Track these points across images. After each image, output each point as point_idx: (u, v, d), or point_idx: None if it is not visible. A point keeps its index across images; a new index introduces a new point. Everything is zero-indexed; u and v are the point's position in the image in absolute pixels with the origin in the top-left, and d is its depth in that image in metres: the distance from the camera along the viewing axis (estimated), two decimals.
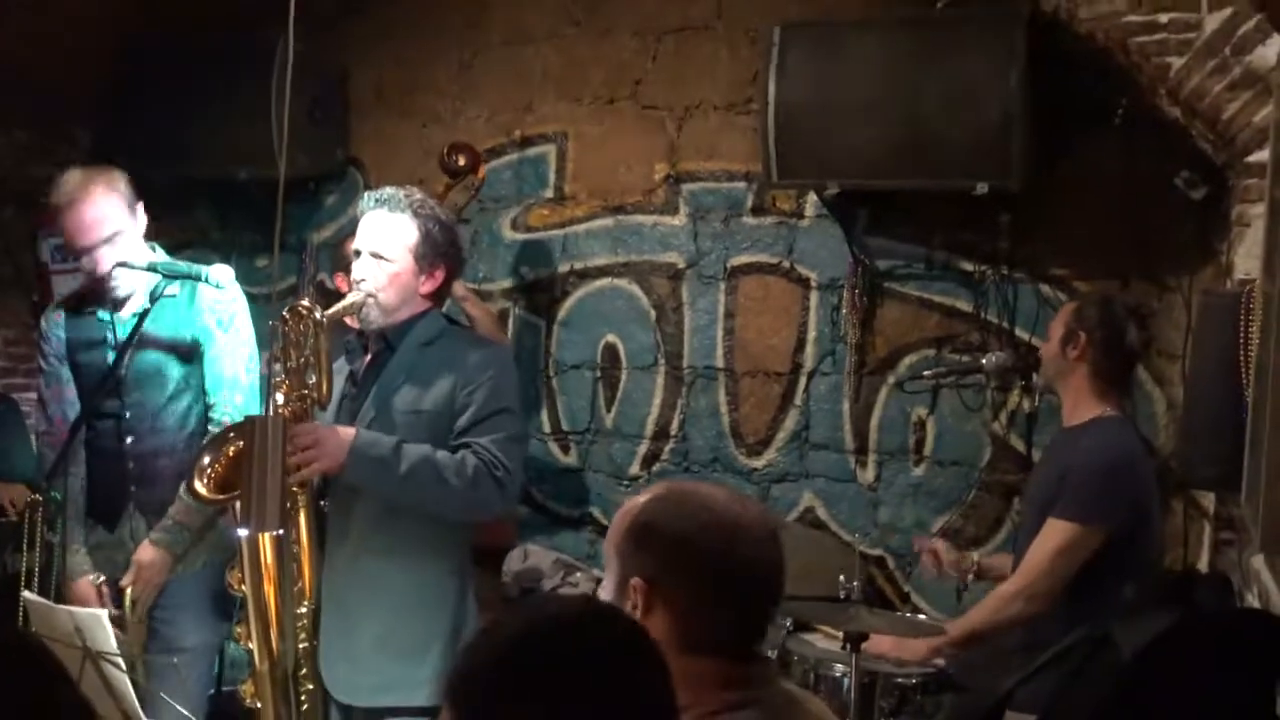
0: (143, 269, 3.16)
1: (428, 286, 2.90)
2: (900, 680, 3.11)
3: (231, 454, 2.87)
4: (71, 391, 3.30)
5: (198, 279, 3.16)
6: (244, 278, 3.39)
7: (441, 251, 2.89)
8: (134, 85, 4.57)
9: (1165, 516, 3.48)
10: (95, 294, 3.25)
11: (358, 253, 2.87)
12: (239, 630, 2.82)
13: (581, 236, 4.52)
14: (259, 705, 2.81)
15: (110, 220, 3.14)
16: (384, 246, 2.85)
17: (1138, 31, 3.28)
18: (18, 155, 4.80)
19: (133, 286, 3.21)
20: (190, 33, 4.59)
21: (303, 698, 2.81)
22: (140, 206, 3.23)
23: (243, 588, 2.75)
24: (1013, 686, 2.80)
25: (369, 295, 2.83)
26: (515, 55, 4.57)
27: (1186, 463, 3.16)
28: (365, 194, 2.94)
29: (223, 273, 3.19)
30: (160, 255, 3.30)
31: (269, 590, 2.76)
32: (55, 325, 3.34)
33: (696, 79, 4.32)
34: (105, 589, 3.23)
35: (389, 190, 2.92)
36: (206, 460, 2.88)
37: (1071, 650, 2.46)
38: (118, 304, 3.23)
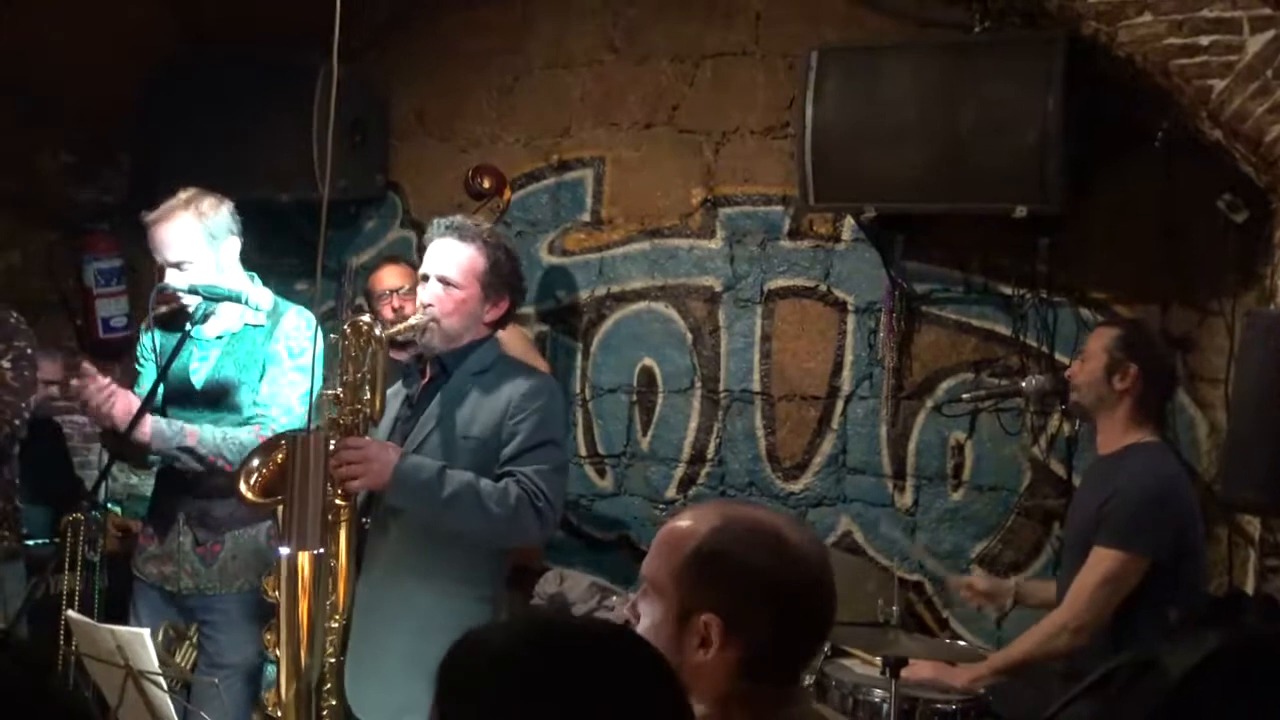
0: (184, 291, 3.23)
1: (491, 315, 2.96)
2: (940, 706, 3.07)
3: (280, 460, 2.91)
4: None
5: (238, 301, 3.23)
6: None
7: (507, 282, 2.95)
8: (176, 109, 4.63)
9: (1209, 542, 3.43)
10: (184, 311, 3.34)
11: (425, 277, 2.92)
12: (269, 638, 2.83)
13: (618, 260, 4.53)
14: (279, 715, 2.80)
15: (180, 247, 3.27)
16: (454, 273, 2.90)
17: (1178, 54, 3.26)
18: (62, 179, 4.88)
19: (204, 307, 3.28)
20: (232, 57, 4.66)
21: (324, 713, 2.81)
22: (231, 240, 3.34)
23: (276, 594, 2.76)
24: (1054, 713, 2.77)
25: (433, 320, 2.87)
26: (554, 81, 4.61)
27: (1231, 487, 3.12)
28: (435, 220, 2.99)
29: (262, 296, 3.26)
30: (257, 285, 3.39)
31: (302, 602, 2.77)
32: (145, 333, 3.48)
33: (734, 103, 4.33)
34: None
35: (460, 218, 2.98)
36: (255, 463, 2.93)
37: (1115, 675, 2.43)
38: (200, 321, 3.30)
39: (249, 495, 2.89)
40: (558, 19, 4.61)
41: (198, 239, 3.27)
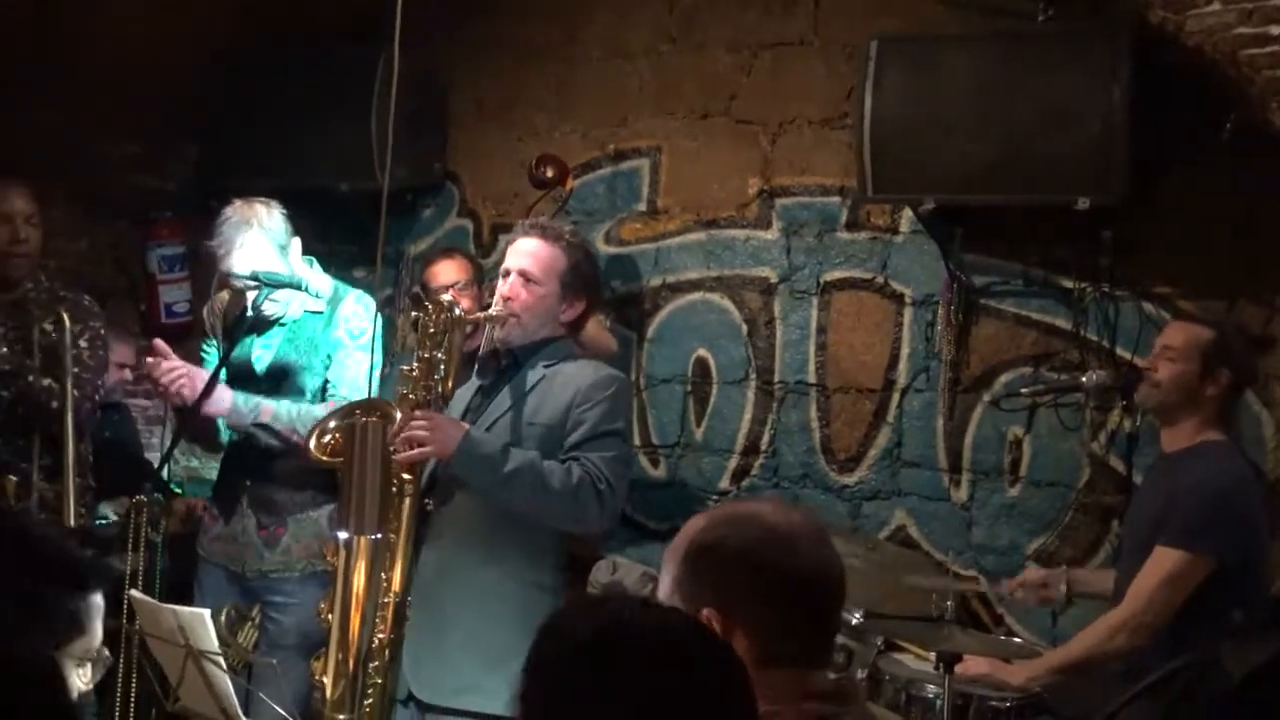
0: (245, 278, 3.29)
1: (568, 315, 3.03)
2: (994, 703, 3.05)
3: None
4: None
5: (297, 287, 3.30)
6: None
7: (585, 284, 3.03)
8: (238, 98, 4.70)
9: (1274, 542, 3.36)
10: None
11: (507, 272, 2.99)
12: (323, 605, 2.86)
13: (674, 250, 4.53)
14: (326, 682, 2.83)
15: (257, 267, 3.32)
16: (536, 270, 2.96)
17: (1248, 44, 3.20)
18: (128, 168, 4.96)
19: (265, 294, 3.36)
20: (292, 47, 4.71)
21: (369, 689, 2.82)
22: (294, 242, 3.42)
23: (334, 560, 2.78)
24: (1113, 711, 2.74)
25: (513, 314, 2.94)
26: (611, 70, 4.61)
27: None
28: (520, 221, 3.08)
29: (322, 282, 3.32)
30: (317, 271, 3.46)
31: (358, 574, 2.80)
32: (211, 315, 3.58)
33: (791, 93, 4.30)
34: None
35: (545, 219, 3.10)
36: (331, 424, 2.97)
37: (1176, 675, 2.40)
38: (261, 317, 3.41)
39: (318, 455, 2.93)
40: (615, 8, 4.61)
41: (270, 255, 3.34)
